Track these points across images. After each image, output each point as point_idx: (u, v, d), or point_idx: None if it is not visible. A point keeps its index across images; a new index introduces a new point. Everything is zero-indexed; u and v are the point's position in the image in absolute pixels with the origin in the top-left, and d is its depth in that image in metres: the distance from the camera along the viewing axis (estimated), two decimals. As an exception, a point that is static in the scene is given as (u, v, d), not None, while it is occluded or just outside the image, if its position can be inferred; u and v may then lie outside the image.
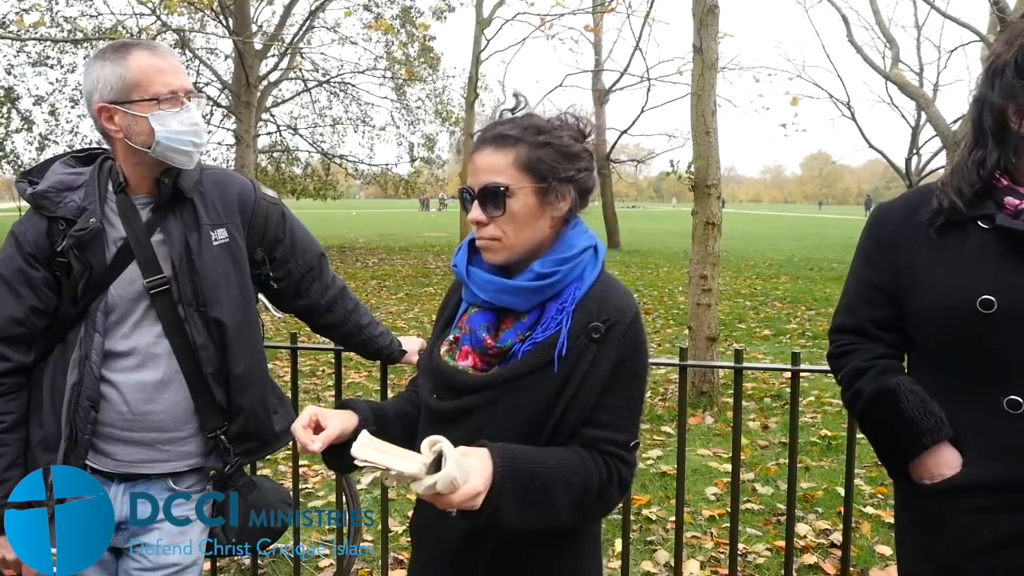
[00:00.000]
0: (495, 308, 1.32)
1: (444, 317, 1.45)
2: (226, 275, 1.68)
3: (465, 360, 1.32)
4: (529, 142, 1.27)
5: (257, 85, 14.24)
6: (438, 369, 1.35)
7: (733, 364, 2.18)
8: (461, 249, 1.39)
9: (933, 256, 1.43)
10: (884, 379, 1.48)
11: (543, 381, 1.26)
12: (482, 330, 1.31)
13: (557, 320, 1.27)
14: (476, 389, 1.29)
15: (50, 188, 1.62)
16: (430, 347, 1.43)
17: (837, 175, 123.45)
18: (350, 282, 10.84)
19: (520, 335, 1.29)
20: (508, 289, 1.29)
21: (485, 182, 1.27)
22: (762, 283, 13.55)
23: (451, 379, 1.32)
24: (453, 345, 1.36)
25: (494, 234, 1.29)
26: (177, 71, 1.61)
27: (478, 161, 1.30)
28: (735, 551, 2.26)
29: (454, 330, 1.38)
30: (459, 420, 1.30)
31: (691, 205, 5.78)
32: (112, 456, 1.65)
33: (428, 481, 1.07)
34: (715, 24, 5.50)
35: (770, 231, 33.03)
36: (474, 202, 1.29)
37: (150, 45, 1.62)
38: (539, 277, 1.28)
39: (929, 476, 1.43)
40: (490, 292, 1.30)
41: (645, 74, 15.72)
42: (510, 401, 1.27)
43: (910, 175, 18.46)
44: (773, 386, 6.15)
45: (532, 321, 1.30)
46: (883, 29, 14.98)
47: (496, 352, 1.30)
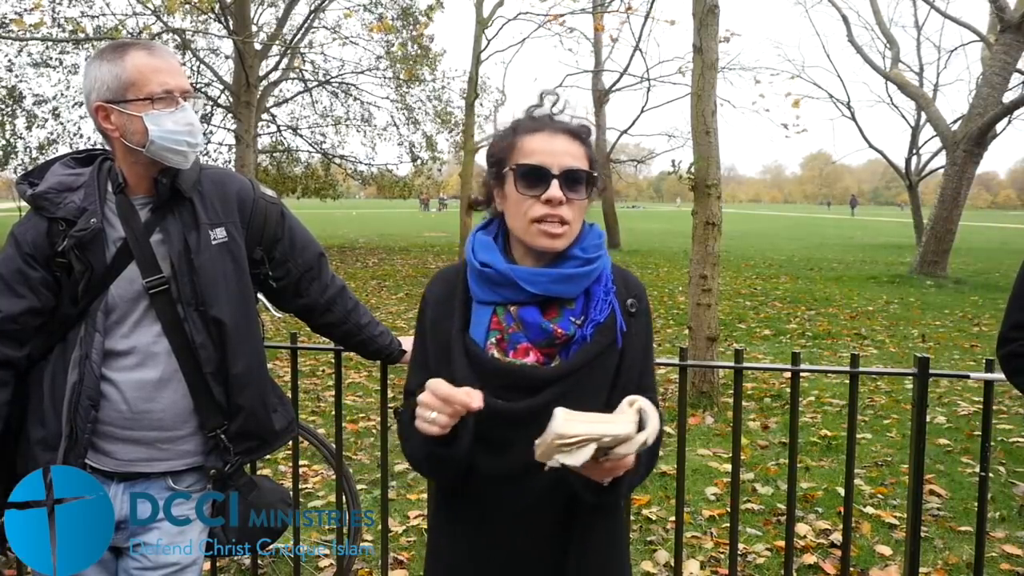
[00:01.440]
0: (538, 301, 1.33)
1: (455, 323, 1.37)
2: (225, 274, 1.68)
3: (526, 357, 1.32)
4: (590, 142, 1.37)
5: (257, 85, 14.25)
6: (505, 370, 1.31)
7: (733, 364, 2.18)
8: (482, 249, 1.36)
9: None
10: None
11: (607, 360, 1.34)
12: (545, 322, 1.31)
13: (607, 300, 1.35)
14: (554, 380, 1.31)
15: (50, 189, 1.62)
16: (445, 358, 1.35)
17: (837, 175, 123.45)
18: (350, 282, 10.85)
19: (575, 320, 1.33)
20: (561, 278, 1.32)
21: (570, 165, 1.31)
22: (762, 283, 13.54)
23: (524, 377, 1.31)
24: (497, 346, 1.33)
25: (567, 217, 1.31)
26: (173, 71, 1.61)
27: (556, 146, 1.33)
28: (735, 551, 2.26)
29: (491, 333, 1.34)
30: (534, 417, 1.28)
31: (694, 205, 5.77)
32: (112, 455, 1.65)
33: (640, 438, 1.09)
34: (715, 24, 5.50)
35: (770, 231, 33.03)
36: (553, 181, 1.30)
37: (147, 45, 1.63)
38: (586, 262, 1.34)
39: None
40: (542, 284, 1.31)
41: (645, 74, 15.73)
42: (583, 386, 1.32)
43: (910, 175, 18.49)
44: (773, 386, 6.15)
45: (581, 306, 1.34)
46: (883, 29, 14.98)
47: (563, 340, 1.32)
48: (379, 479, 2.55)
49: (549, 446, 1.09)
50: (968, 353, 7.59)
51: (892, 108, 18.88)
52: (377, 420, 4.90)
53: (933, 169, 18.53)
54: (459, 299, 1.38)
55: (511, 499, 1.34)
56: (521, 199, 1.32)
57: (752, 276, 14.74)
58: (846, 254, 20.29)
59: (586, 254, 1.34)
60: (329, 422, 4.95)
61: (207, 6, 11.07)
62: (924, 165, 19.03)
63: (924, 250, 14.21)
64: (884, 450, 4.66)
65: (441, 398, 1.18)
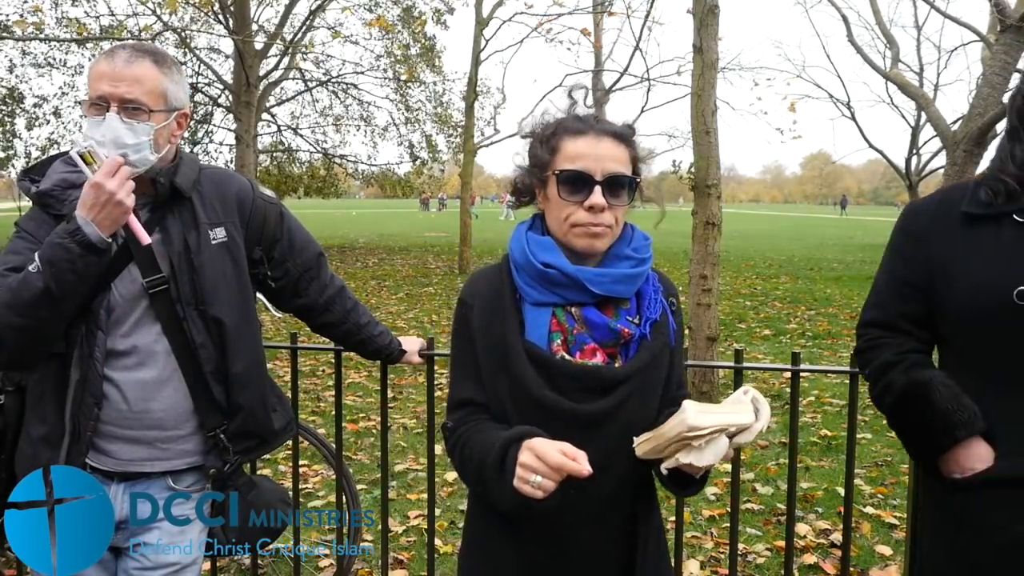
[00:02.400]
0: (595, 302, 1.33)
1: (509, 325, 1.33)
2: (225, 274, 1.68)
3: (593, 357, 1.32)
4: (634, 143, 1.38)
5: (257, 85, 14.23)
6: (580, 371, 1.30)
7: (733, 364, 2.18)
8: (542, 250, 1.33)
9: (968, 249, 1.43)
10: (916, 372, 1.47)
11: (664, 356, 1.38)
12: (612, 322, 1.32)
13: (657, 299, 1.39)
14: (625, 379, 1.32)
15: (54, 187, 1.63)
16: (505, 359, 1.32)
17: (837, 175, 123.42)
18: (350, 282, 10.85)
19: (633, 319, 1.35)
20: (622, 278, 1.34)
21: (614, 171, 1.32)
22: (762, 283, 13.55)
23: (597, 377, 1.30)
24: (562, 348, 1.32)
25: (610, 221, 1.32)
26: (116, 77, 1.53)
27: (600, 149, 1.32)
28: (735, 551, 2.26)
29: (554, 336, 1.32)
30: (609, 416, 1.31)
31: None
32: (112, 454, 1.65)
33: (759, 426, 1.11)
34: (715, 24, 5.49)
35: (770, 231, 33.03)
36: (596, 187, 1.30)
37: (115, 50, 1.58)
38: (640, 263, 1.36)
39: (960, 470, 1.42)
40: (605, 285, 1.32)
41: (645, 74, 15.69)
42: (648, 383, 1.35)
43: (910, 175, 18.48)
44: (773, 386, 6.15)
45: (634, 305, 1.37)
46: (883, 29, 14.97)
47: (626, 340, 1.34)
48: (379, 479, 2.55)
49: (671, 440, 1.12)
50: (968, 353, 7.57)
51: (892, 108, 18.86)
52: (377, 420, 4.90)
53: (933, 169, 18.52)
54: (509, 301, 1.35)
55: (581, 503, 1.29)
56: (563, 204, 1.32)
57: (752, 276, 14.74)
58: (846, 254, 20.29)
59: (639, 254, 1.37)
60: (329, 422, 4.95)
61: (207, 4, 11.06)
62: (924, 165, 19.02)
63: (924, 250, 14.18)
64: (884, 450, 4.66)
65: (551, 466, 1.13)
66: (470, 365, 1.37)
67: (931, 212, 1.52)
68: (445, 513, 3.71)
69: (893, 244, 1.58)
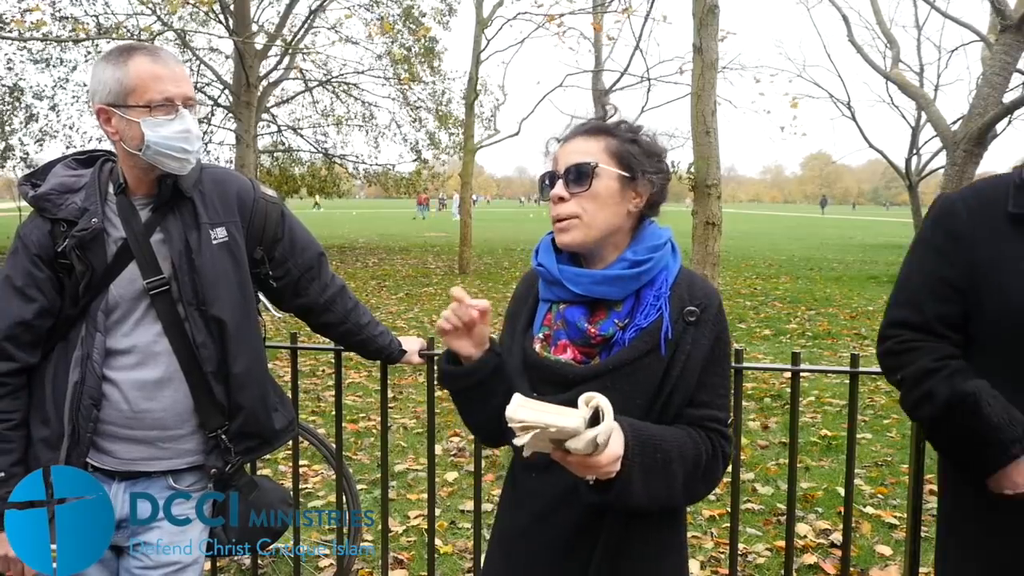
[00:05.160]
0: (586, 301, 1.35)
1: (522, 320, 1.44)
2: (226, 273, 1.68)
3: (564, 354, 1.35)
4: (619, 136, 1.36)
5: (257, 85, 14.24)
6: (540, 364, 1.36)
7: (733, 364, 2.18)
8: (542, 250, 1.41)
9: (1017, 252, 1.36)
10: (960, 382, 1.37)
11: (650, 366, 1.31)
12: (581, 321, 1.33)
13: (656, 306, 1.33)
14: (585, 379, 1.31)
15: (51, 191, 1.63)
16: (510, 348, 1.44)
17: (837, 175, 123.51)
18: (350, 282, 10.84)
19: (619, 323, 1.33)
20: (604, 279, 1.33)
21: (573, 162, 1.34)
22: (762, 283, 13.54)
23: (556, 372, 1.34)
24: (544, 342, 1.38)
25: (573, 211, 1.32)
26: (176, 78, 1.60)
27: (568, 147, 1.36)
28: (735, 551, 2.26)
29: (541, 329, 1.39)
30: None
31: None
32: (113, 454, 1.65)
33: (589, 435, 1.06)
34: (715, 24, 5.49)
35: (770, 231, 33.03)
36: (558, 181, 1.34)
37: (152, 51, 1.62)
38: (634, 264, 1.33)
39: (1013, 486, 1.35)
40: (584, 285, 1.33)
41: (645, 74, 15.69)
42: (620, 388, 1.30)
43: (910, 175, 18.47)
44: (773, 386, 6.15)
45: (628, 310, 1.34)
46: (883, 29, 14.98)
47: (598, 341, 1.33)
48: (379, 479, 2.55)
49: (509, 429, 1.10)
50: (968, 353, 7.57)
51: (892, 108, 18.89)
52: (377, 420, 4.90)
53: (933, 169, 18.52)
54: (532, 296, 1.45)
55: (545, 486, 1.37)
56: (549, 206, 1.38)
57: (752, 276, 14.74)
58: (846, 254, 20.29)
59: (635, 256, 1.34)
60: (329, 422, 4.95)
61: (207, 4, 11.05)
62: (924, 165, 19.02)
63: (924, 250, 14.19)
64: (884, 450, 4.66)
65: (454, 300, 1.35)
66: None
67: (971, 209, 1.42)
68: (445, 513, 3.71)
69: (928, 240, 1.48)
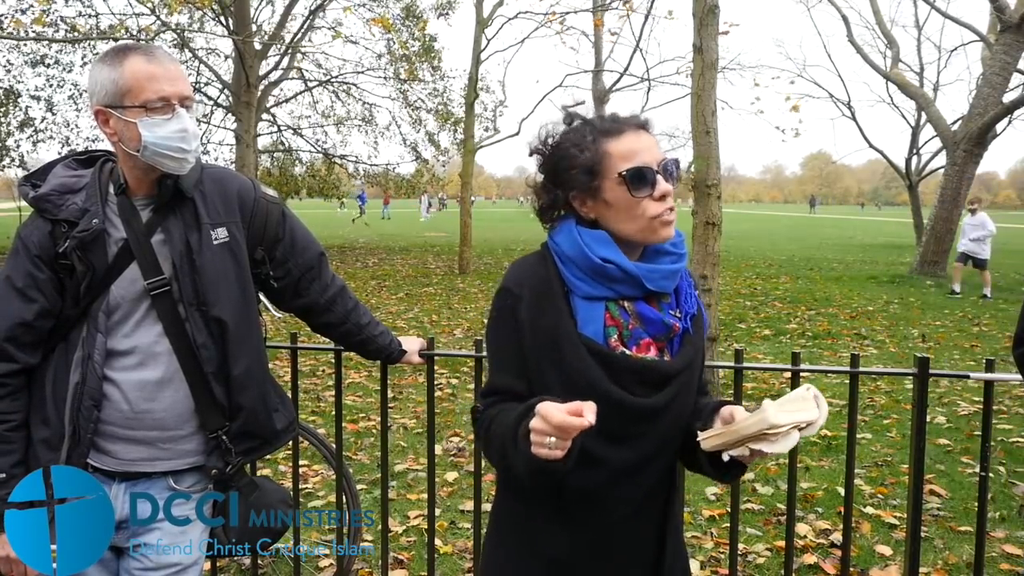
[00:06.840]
0: (645, 296, 1.35)
1: (562, 328, 1.31)
2: (226, 274, 1.68)
3: (648, 352, 1.35)
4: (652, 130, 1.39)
5: (257, 85, 14.24)
6: (641, 367, 1.32)
7: (733, 364, 2.19)
8: (603, 244, 1.32)
9: None
10: None
11: (700, 349, 1.42)
12: (667, 316, 1.35)
13: (692, 294, 1.41)
14: (678, 373, 1.35)
15: (52, 191, 1.63)
16: (567, 353, 1.31)
17: (837, 175, 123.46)
18: (350, 282, 10.85)
19: (676, 312, 1.37)
20: (669, 274, 1.36)
21: (664, 156, 1.33)
22: (762, 283, 13.54)
23: (660, 372, 1.34)
24: (620, 343, 1.33)
25: (674, 204, 1.34)
26: (172, 77, 1.59)
27: (644, 142, 1.33)
28: (735, 551, 2.26)
29: (610, 330, 1.32)
30: (665, 409, 1.34)
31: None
32: (113, 454, 1.65)
33: (820, 421, 1.18)
34: (715, 24, 5.49)
35: (770, 231, 33.02)
36: (658, 176, 1.32)
37: (148, 50, 1.61)
38: (679, 258, 1.37)
39: None
40: (657, 281, 1.33)
41: (645, 74, 15.71)
42: (692, 376, 1.39)
43: (910, 175, 18.49)
44: (773, 386, 6.15)
45: (674, 299, 1.39)
46: (883, 29, 14.97)
47: (674, 335, 1.36)
48: (379, 479, 2.55)
49: (747, 437, 1.18)
50: (968, 353, 7.59)
51: (892, 108, 18.90)
52: (377, 420, 4.90)
53: (933, 169, 18.53)
54: (559, 294, 1.34)
55: (628, 491, 1.36)
56: (635, 202, 1.31)
57: (752, 276, 14.74)
58: (846, 254, 20.29)
59: (677, 249, 1.37)
60: (329, 422, 4.95)
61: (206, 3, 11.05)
62: (924, 165, 19.03)
63: (924, 250, 14.22)
64: (884, 450, 4.66)
65: (555, 426, 1.12)
66: (512, 355, 1.35)
67: None
68: (445, 513, 3.71)
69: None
